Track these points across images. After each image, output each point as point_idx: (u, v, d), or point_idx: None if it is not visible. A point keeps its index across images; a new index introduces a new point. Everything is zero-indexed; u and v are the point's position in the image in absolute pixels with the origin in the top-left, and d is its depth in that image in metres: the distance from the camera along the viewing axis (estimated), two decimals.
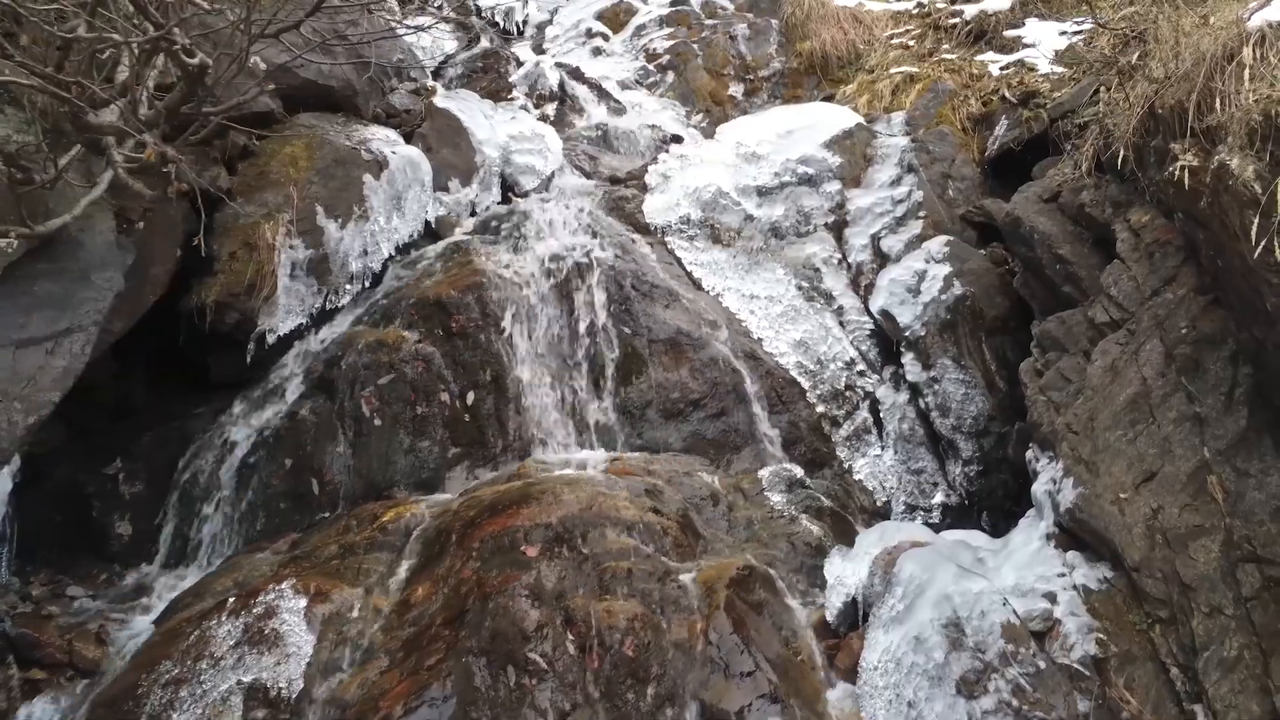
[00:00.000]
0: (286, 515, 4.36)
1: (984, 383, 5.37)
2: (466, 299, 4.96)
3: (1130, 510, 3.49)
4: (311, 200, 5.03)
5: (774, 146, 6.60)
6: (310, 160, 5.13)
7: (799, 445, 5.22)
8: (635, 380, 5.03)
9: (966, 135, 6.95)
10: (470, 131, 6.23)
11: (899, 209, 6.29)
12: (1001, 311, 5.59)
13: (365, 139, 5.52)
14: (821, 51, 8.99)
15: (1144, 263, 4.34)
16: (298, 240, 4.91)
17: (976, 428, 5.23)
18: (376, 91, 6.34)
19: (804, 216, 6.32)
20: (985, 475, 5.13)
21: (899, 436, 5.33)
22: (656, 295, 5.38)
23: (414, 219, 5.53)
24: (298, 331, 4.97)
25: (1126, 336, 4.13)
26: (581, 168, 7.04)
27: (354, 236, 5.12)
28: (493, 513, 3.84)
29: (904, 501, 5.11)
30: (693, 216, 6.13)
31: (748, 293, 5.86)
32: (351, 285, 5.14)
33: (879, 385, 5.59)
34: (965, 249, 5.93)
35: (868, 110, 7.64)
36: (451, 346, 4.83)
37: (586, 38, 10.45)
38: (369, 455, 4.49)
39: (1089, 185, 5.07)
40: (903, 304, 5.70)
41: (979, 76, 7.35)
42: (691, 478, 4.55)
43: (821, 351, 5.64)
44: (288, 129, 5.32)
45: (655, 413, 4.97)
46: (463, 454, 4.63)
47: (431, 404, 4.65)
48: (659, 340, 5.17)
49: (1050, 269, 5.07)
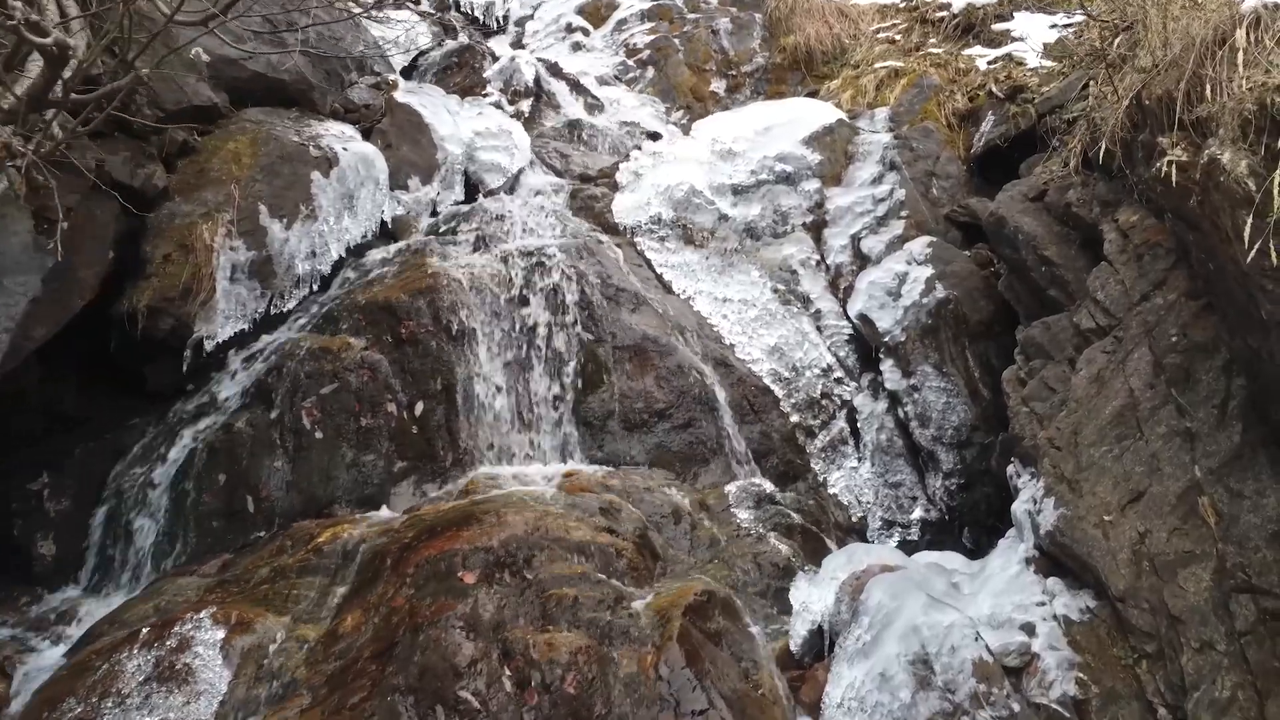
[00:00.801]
0: (219, 535, 4.09)
1: (967, 391, 5.10)
2: (418, 303, 4.69)
3: (1115, 534, 3.23)
4: (254, 199, 4.75)
5: (751, 143, 6.33)
6: (254, 157, 4.86)
7: (771, 457, 4.95)
8: (597, 389, 4.76)
9: (952, 132, 6.68)
10: (432, 127, 5.95)
11: (880, 208, 6.03)
12: (986, 316, 5.33)
13: (317, 135, 5.25)
14: (806, 46, 8.73)
15: (1133, 265, 4.08)
16: (239, 241, 4.64)
17: (958, 439, 4.97)
18: (335, 86, 6.06)
19: (781, 216, 6.05)
20: (967, 489, 4.87)
21: (877, 448, 5.07)
22: (622, 299, 5.11)
23: (367, 219, 5.26)
24: (240, 338, 4.69)
25: (1113, 344, 3.87)
26: (552, 165, 6.77)
27: (300, 237, 4.85)
28: (431, 535, 3.57)
29: (881, 517, 4.85)
30: (664, 216, 5.86)
31: (720, 296, 5.60)
32: (298, 289, 4.87)
33: (857, 393, 5.32)
34: (949, 250, 5.67)
35: (851, 106, 7.38)
36: (400, 354, 4.56)
37: (566, 32, 10.19)
38: (309, 470, 4.22)
39: (1076, 183, 4.80)
40: (882, 308, 5.44)
41: (966, 71, 7.09)
42: (653, 493, 4.28)
43: (797, 358, 5.37)
44: (232, 124, 5.05)
45: (617, 424, 4.70)
46: (409, 468, 4.36)
47: (377, 415, 4.37)
48: (623, 347, 4.90)
49: (1036, 271, 4.80)
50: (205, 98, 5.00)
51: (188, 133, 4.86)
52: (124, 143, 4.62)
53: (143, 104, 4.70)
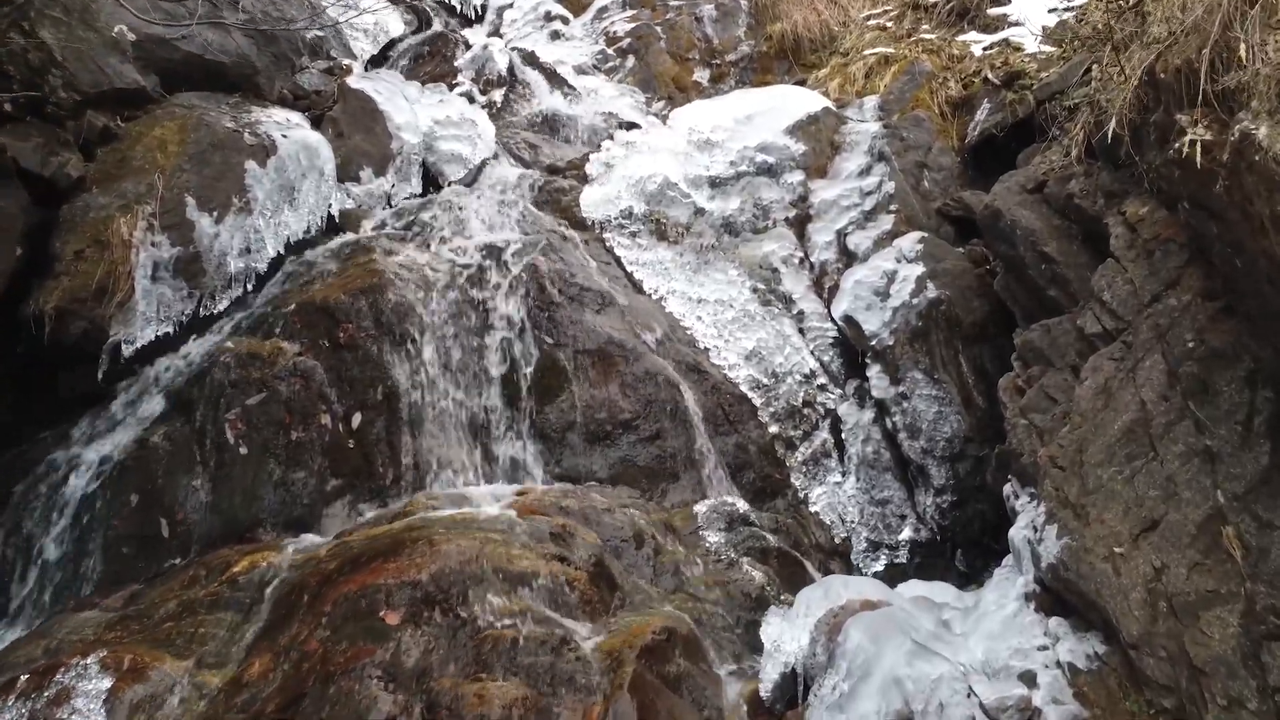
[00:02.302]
0: (129, 562, 3.68)
1: (960, 399, 4.71)
2: (358, 304, 4.28)
3: (1127, 569, 2.83)
4: (181, 190, 4.33)
5: (731, 133, 5.92)
6: (181, 144, 4.44)
7: (747, 471, 4.55)
8: (556, 398, 4.36)
9: (945, 121, 6.28)
10: (386, 115, 5.53)
11: (868, 202, 5.63)
12: (980, 317, 4.93)
13: (255, 121, 4.83)
14: (793, 34, 8.33)
15: (1142, 263, 3.68)
16: (162, 236, 4.22)
17: (950, 451, 4.57)
18: (284, 70, 5.65)
19: (762, 210, 5.65)
20: (960, 506, 4.47)
21: (862, 461, 4.67)
22: (586, 299, 4.71)
23: (311, 212, 4.85)
24: (166, 343, 4.27)
25: (1122, 351, 3.47)
26: (520, 156, 6.35)
27: (232, 232, 4.43)
28: (354, 567, 3.17)
29: (866, 538, 4.45)
30: (635, 210, 5.45)
31: (695, 296, 5.19)
32: (231, 288, 4.45)
33: (841, 402, 4.92)
34: (941, 247, 5.26)
35: (839, 94, 6.97)
36: (338, 359, 4.15)
37: (545, 21, 9.77)
38: (231, 489, 3.81)
39: (1078, 173, 4.40)
40: (869, 309, 5.03)
41: (960, 57, 6.68)
42: (613, 514, 3.88)
43: (777, 363, 4.97)
44: (161, 109, 4.63)
45: (578, 436, 4.29)
46: (344, 487, 3.95)
47: (309, 428, 3.96)
48: (586, 351, 4.49)
49: (1034, 269, 4.41)
50: (130, 80, 4.58)
51: (109, 118, 4.45)
52: (36, 128, 4.21)
53: (57, 86, 4.29)
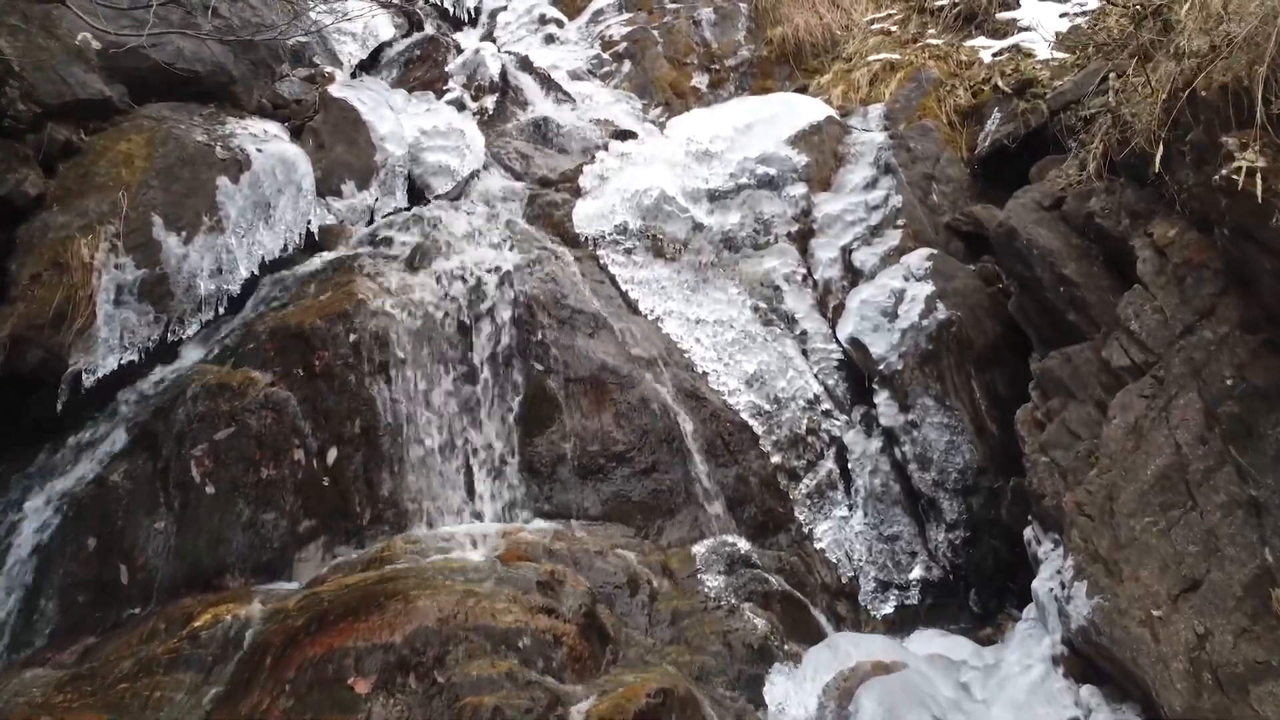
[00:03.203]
0: (85, 612, 3.43)
1: (972, 427, 4.46)
2: (335, 329, 4.03)
3: (1167, 634, 2.58)
4: (147, 208, 4.08)
5: (730, 143, 5.67)
6: (149, 159, 4.19)
7: (748, 505, 4.30)
8: (545, 429, 4.11)
9: (953, 130, 6.04)
10: (370, 125, 5.28)
11: (874, 216, 5.38)
12: (993, 339, 4.69)
13: (229, 134, 4.58)
14: (794, 38, 8.07)
15: (1172, 289, 3.43)
16: (126, 258, 3.97)
17: (963, 483, 4.32)
18: (262, 78, 5.39)
19: (763, 225, 5.40)
20: (973, 543, 4.23)
21: (870, 494, 4.41)
22: (578, 322, 4.46)
23: (288, 229, 4.59)
24: (132, 370, 4.02)
25: (1153, 387, 3.22)
26: (511, 167, 6.10)
27: (202, 252, 4.18)
28: (322, 626, 2.91)
29: (875, 577, 4.20)
30: (631, 225, 5.20)
31: (693, 316, 4.94)
32: (201, 312, 4.20)
33: (847, 429, 4.67)
34: (951, 264, 5.02)
35: (842, 102, 6.73)
36: (313, 390, 3.90)
37: (539, 24, 9.52)
38: (196, 532, 3.56)
39: (1099, 190, 4.16)
40: (876, 330, 4.79)
41: (968, 64, 6.44)
42: (605, 558, 3.63)
43: (779, 388, 4.72)
44: (128, 121, 4.38)
45: (569, 470, 4.04)
46: (318, 528, 3.69)
47: (281, 464, 3.71)
48: (577, 379, 4.25)
49: (1052, 292, 4.16)
50: (94, 91, 4.32)
51: (72, 131, 4.20)
52: None
53: (15, 98, 4.04)
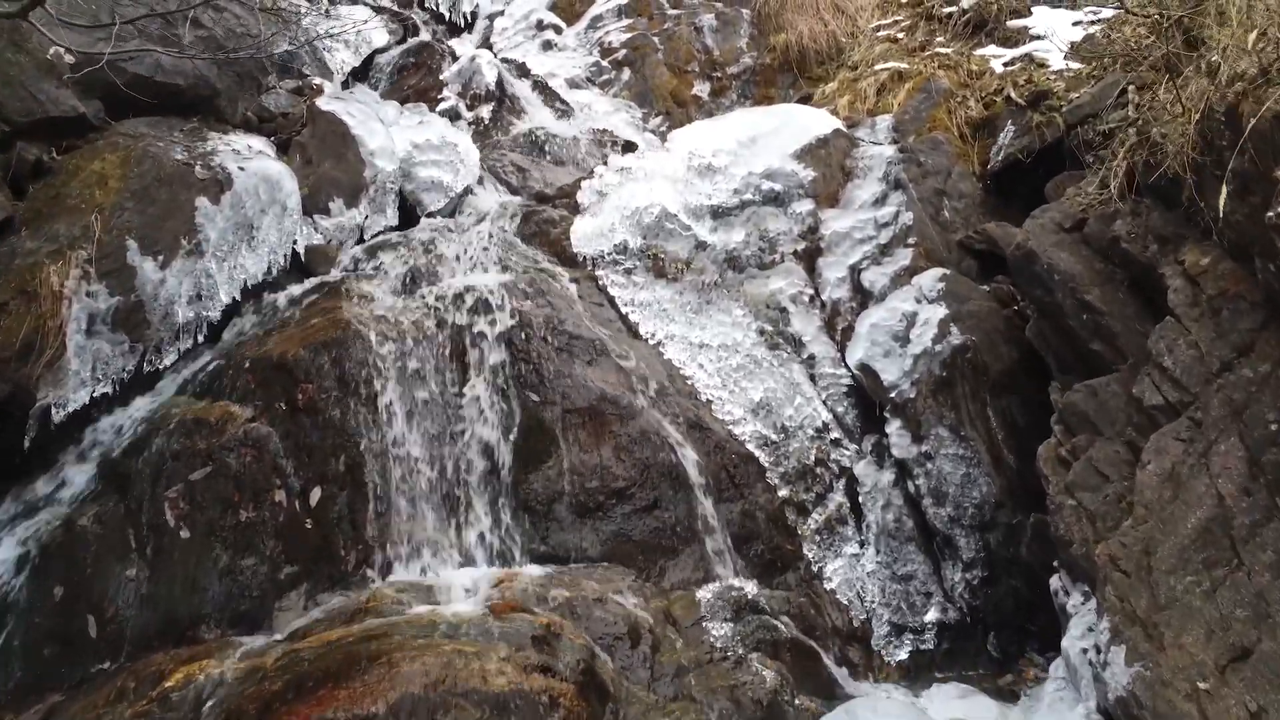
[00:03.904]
0: (51, 667, 3.22)
1: (989, 458, 4.26)
2: (319, 360, 3.82)
3: (1216, 711, 2.38)
4: (122, 232, 3.88)
5: (734, 157, 5.47)
6: (123, 179, 3.98)
7: (755, 543, 4.10)
8: (542, 464, 3.90)
9: (965, 143, 5.83)
10: (359, 140, 5.07)
11: (884, 234, 5.17)
12: (1009, 364, 4.48)
13: (210, 151, 4.37)
14: (798, 45, 7.86)
15: (1207, 323, 3.23)
16: (99, 285, 3.77)
17: (980, 519, 4.12)
18: (247, 91, 5.19)
19: (768, 243, 5.19)
20: (992, 582, 4.03)
21: (882, 530, 4.21)
22: (576, 349, 4.25)
23: (272, 251, 4.39)
24: (105, 403, 3.82)
25: (1190, 429, 3.02)
26: (507, 181, 5.90)
27: (181, 277, 3.97)
28: (300, 692, 2.71)
29: (889, 620, 3.99)
30: (631, 244, 4.99)
31: (696, 340, 4.73)
32: (179, 340, 4.00)
33: (858, 460, 4.47)
34: (964, 284, 4.82)
35: (848, 113, 6.52)
36: (295, 425, 3.69)
37: (537, 30, 9.30)
38: (170, 580, 3.35)
39: (1124, 213, 3.95)
40: (887, 356, 4.58)
41: (979, 74, 6.23)
42: (605, 606, 3.42)
43: (787, 416, 4.51)
44: (103, 139, 4.17)
45: (566, 508, 3.84)
46: (301, 574, 3.49)
47: (261, 506, 3.51)
48: (576, 409, 4.04)
49: (1074, 319, 3.96)
50: (67, 107, 4.12)
51: (43, 150, 4.00)
52: None
53: None
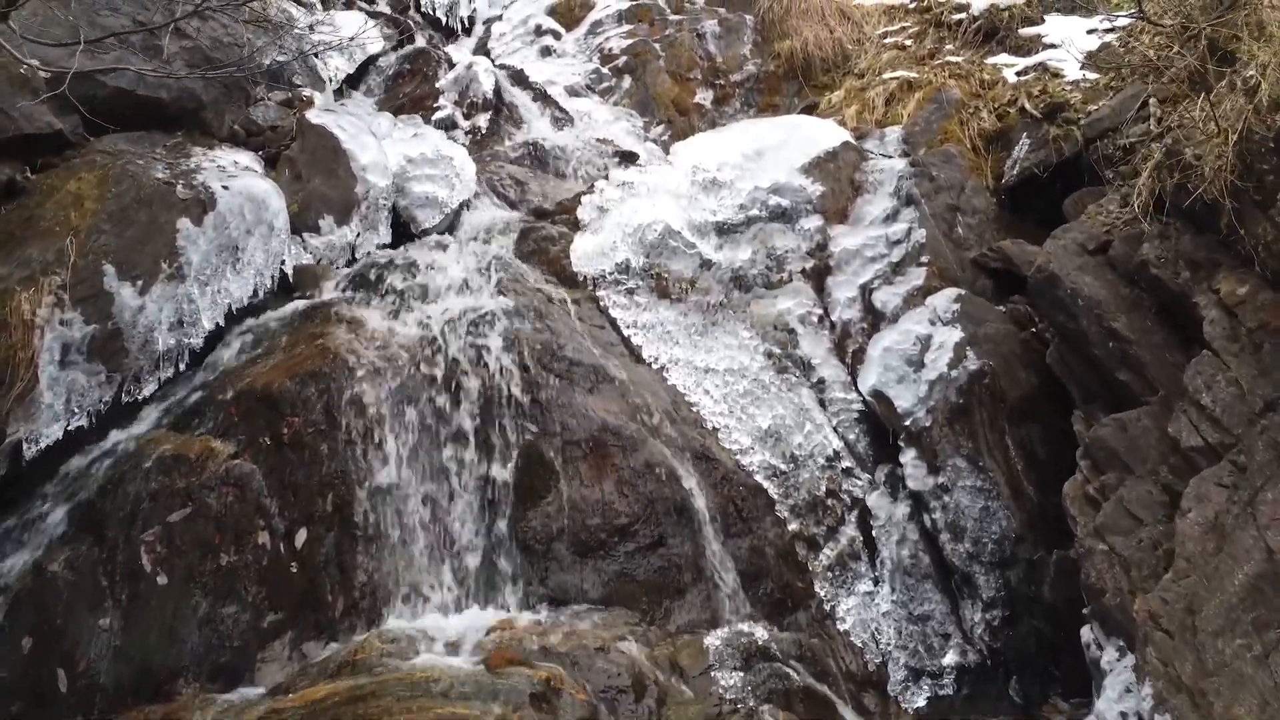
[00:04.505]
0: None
1: (1008, 490, 4.07)
2: (306, 392, 3.63)
3: None
4: (98, 256, 3.69)
5: (740, 171, 5.28)
6: (101, 200, 3.79)
7: (764, 581, 3.91)
8: (541, 500, 3.71)
9: (977, 156, 5.64)
10: (350, 154, 4.87)
11: (895, 252, 4.98)
12: (1028, 391, 4.30)
13: (193, 169, 4.18)
14: (803, 52, 7.67)
15: (1247, 358, 3.05)
16: (74, 312, 3.57)
17: (1000, 555, 3.93)
18: (235, 103, 4.99)
19: (775, 261, 5.01)
20: (1013, 622, 3.84)
21: (898, 566, 4.02)
22: (576, 376, 4.06)
23: (258, 273, 4.19)
24: (80, 437, 3.62)
25: (1233, 474, 2.83)
26: (505, 195, 5.70)
27: (161, 303, 3.78)
28: None
29: (906, 664, 3.81)
30: (633, 263, 4.80)
31: (701, 364, 4.54)
32: (160, 369, 3.81)
33: (871, 490, 4.28)
34: (980, 306, 4.63)
35: (856, 124, 6.33)
36: (280, 461, 3.50)
37: (536, 35, 9.11)
38: (145, 630, 3.16)
39: (1151, 235, 3.76)
40: (901, 382, 4.39)
41: (991, 83, 6.05)
42: (607, 655, 3.23)
43: (796, 444, 4.32)
44: (81, 156, 3.98)
45: (566, 547, 3.65)
46: (285, 622, 3.29)
47: (243, 549, 3.31)
48: (576, 441, 3.85)
49: (1099, 347, 3.77)
50: (42, 124, 3.93)
51: (16, 169, 3.80)
52: None
53: None
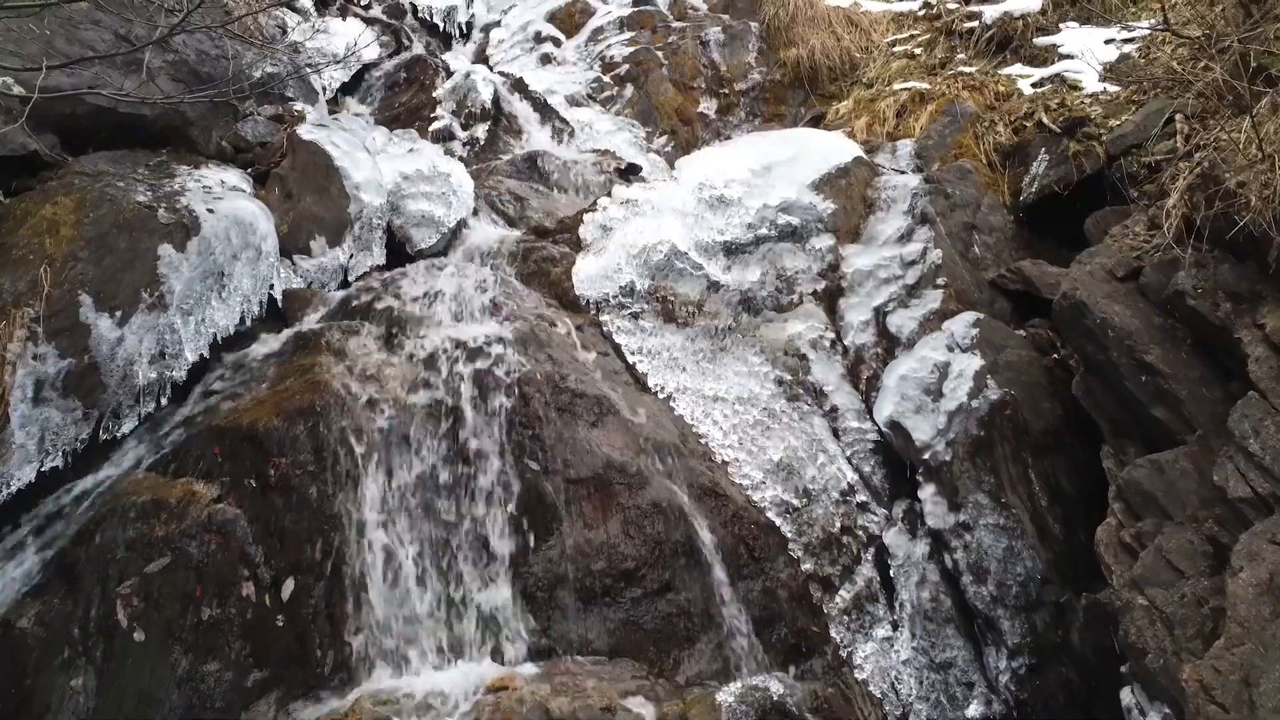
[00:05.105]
0: None
1: (1033, 529, 3.87)
2: (295, 430, 3.43)
3: None
4: (74, 285, 3.49)
5: (748, 187, 5.08)
6: (78, 226, 3.59)
7: (777, 625, 3.71)
8: (543, 544, 3.51)
9: (993, 171, 5.46)
10: (343, 172, 4.67)
11: (910, 274, 4.79)
12: (1051, 421, 4.10)
13: (177, 191, 3.97)
14: (810, 60, 7.49)
15: None
16: (48, 346, 3.37)
17: (1025, 598, 3.73)
18: (223, 118, 4.79)
19: (785, 283, 4.81)
20: (1040, 671, 3.64)
21: (917, 609, 3.83)
22: (579, 409, 3.86)
23: (245, 299, 3.99)
24: (55, 478, 3.42)
25: None
26: (504, 212, 5.51)
27: (140, 335, 3.58)
28: None
29: (927, 716, 3.60)
30: (638, 286, 4.61)
31: (709, 392, 4.35)
32: (140, 404, 3.61)
33: (888, 527, 4.09)
34: (999, 330, 4.43)
35: (867, 135, 6.15)
36: (266, 505, 3.30)
37: (535, 42, 8.92)
38: (121, 690, 2.96)
39: (1187, 263, 3.57)
40: (919, 412, 4.20)
41: (1006, 95, 5.86)
42: (614, 716, 3.03)
43: (809, 477, 4.13)
44: (58, 178, 3.78)
45: (570, 594, 3.45)
46: (271, 679, 3.09)
47: (226, 601, 3.11)
48: (579, 479, 3.65)
49: (1132, 381, 3.58)
50: (16, 144, 3.73)
51: None
52: None
53: None
